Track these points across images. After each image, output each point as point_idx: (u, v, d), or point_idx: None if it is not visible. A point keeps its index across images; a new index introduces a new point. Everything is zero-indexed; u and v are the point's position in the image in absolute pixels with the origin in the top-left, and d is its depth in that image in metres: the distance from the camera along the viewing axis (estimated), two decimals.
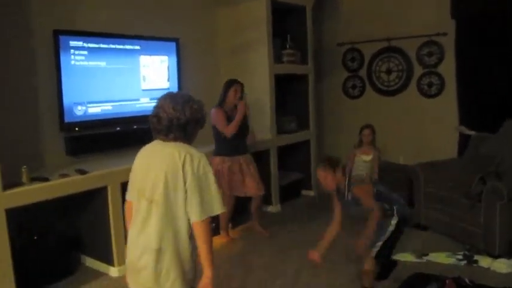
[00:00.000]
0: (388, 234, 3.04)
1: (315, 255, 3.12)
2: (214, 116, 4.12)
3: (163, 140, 2.04)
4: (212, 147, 4.30)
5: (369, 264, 3.09)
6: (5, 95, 3.52)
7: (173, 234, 1.96)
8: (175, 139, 2.02)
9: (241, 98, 4.21)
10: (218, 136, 4.19)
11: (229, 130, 4.07)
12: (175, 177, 1.93)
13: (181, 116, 1.98)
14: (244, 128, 4.27)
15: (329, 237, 3.22)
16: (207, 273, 1.98)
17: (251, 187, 4.25)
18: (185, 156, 1.94)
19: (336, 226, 3.23)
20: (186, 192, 1.93)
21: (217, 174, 4.06)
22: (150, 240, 1.96)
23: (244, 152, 4.29)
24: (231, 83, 4.21)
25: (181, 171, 1.93)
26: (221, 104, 4.18)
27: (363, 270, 3.15)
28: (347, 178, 3.13)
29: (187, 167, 1.93)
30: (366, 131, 4.65)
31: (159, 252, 1.95)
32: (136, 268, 2.01)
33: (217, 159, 4.17)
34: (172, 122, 1.97)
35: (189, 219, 1.96)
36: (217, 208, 1.98)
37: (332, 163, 3.11)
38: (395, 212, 3.06)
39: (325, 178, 3.09)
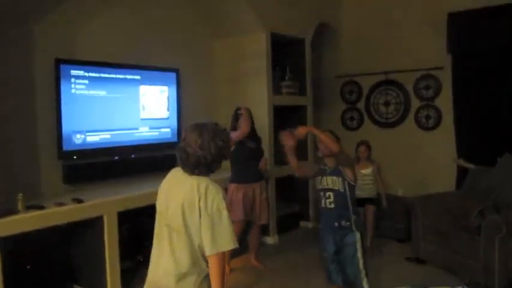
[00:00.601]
0: (361, 259, 3.00)
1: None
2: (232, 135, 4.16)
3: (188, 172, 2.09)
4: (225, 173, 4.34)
5: None
6: (4, 121, 3.54)
7: (193, 260, 2.02)
8: (199, 174, 2.07)
9: (252, 125, 4.36)
10: (234, 164, 4.27)
11: (242, 132, 4.15)
12: (192, 208, 1.99)
13: (208, 156, 2.04)
14: (259, 153, 4.37)
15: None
16: None
17: (255, 214, 4.27)
18: (202, 190, 1.99)
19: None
20: (200, 224, 1.99)
21: (231, 202, 4.11)
22: (172, 264, 2.02)
23: (259, 178, 4.36)
24: (238, 110, 4.33)
25: (197, 204, 1.98)
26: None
27: None
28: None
29: (202, 202, 1.98)
30: (362, 148, 4.84)
31: (179, 276, 2.01)
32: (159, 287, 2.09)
33: (233, 186, 4.22)
34: (199, 161, 2.04)
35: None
36: (228, 245, 1.99)
37: (336, 136, 3.15)
38: (353, 226, 3.00)
39: (331, 139, 3.05)
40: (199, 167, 2.04)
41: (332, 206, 3.06)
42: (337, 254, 3.06)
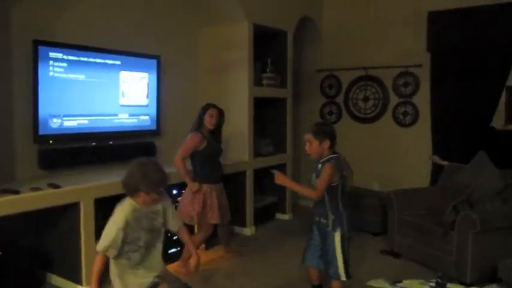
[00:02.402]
0: (340, 257, 3.02)
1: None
2: (188, 139, 3.96)
3: None
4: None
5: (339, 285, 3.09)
6: None
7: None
8: None
9: (219, 123, 4.09)
10: (204, 162, 3.99)
11: (177, 163, 3.88)
12: None
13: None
14: (219, 154, 4.18)
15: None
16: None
17: (223, 214, 4.13)
18: None
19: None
20: None
21: (206, 205, 3.96)
22: None
23: (222, 179, 4.19)
24: (207, 107, 4.06)
25: None
26: (198, 128, 4.01)
27: None
28: (335, 155, 3.04)
29: None
30: None
31: None
32: None
33: (205, 186, 3.96)
34: None
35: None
36: (98, 246, 2.46)
37: (320, 132, 3.03)
38: (330, 225, 3.01)
39: (311, 143, 3.04)
40: None
41: (313, 203, 3.13)
42: (320, 241, 3.12)
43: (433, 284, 3.69)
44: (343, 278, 3.03)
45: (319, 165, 3.04)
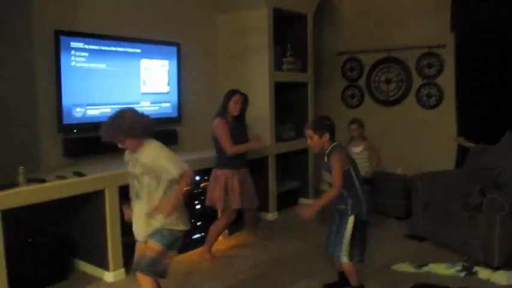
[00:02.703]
0: (348, 235, 3.02)
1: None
2: (218, 128, 3.95)
3: None
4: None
5: (346, 266, 3.10)
6: (3, 94, 3.48)
7: None
8: None
9: (243, 109, 4.12)
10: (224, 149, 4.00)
11: (233, 150, 3.92)
12: None
13: None
14: (243, 139, 4.14)
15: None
16: None
17: (247, 200, 4.14)
18: None
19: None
20: None
21: (228, 189, 3.98)
22: None
23: (247, 164, 4.20)
24: (232, 93, 4.06)
25: None
26: (223, 114, 4.01)
27: (346, 271, 3.14)
28: (334, 143, 3.06)
29: None
30: (352, 126, 4.75)
31: None
32: None
33: (227, 171, 3.98)
34: None
35: None
36: None
37: (319, 127, 3.06)
38: (350, 210, 3.03)
39: (311, 138, 3.08)
40: None
41: None
42: (338, 227, 3.14)
43: (459, 268, 3.64)
44: (345, 259, 3.04)
45: (325, 159, 3.07)
